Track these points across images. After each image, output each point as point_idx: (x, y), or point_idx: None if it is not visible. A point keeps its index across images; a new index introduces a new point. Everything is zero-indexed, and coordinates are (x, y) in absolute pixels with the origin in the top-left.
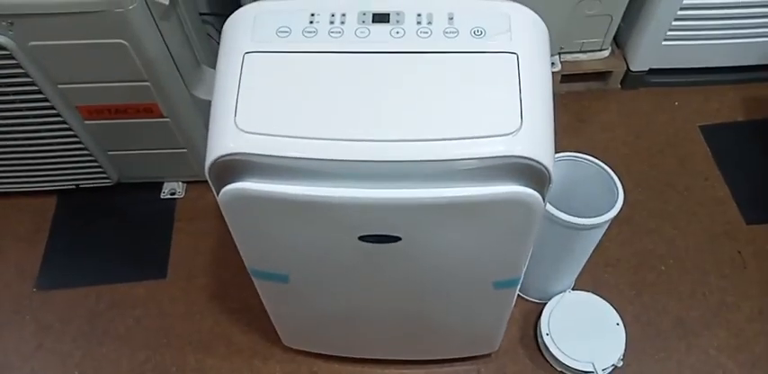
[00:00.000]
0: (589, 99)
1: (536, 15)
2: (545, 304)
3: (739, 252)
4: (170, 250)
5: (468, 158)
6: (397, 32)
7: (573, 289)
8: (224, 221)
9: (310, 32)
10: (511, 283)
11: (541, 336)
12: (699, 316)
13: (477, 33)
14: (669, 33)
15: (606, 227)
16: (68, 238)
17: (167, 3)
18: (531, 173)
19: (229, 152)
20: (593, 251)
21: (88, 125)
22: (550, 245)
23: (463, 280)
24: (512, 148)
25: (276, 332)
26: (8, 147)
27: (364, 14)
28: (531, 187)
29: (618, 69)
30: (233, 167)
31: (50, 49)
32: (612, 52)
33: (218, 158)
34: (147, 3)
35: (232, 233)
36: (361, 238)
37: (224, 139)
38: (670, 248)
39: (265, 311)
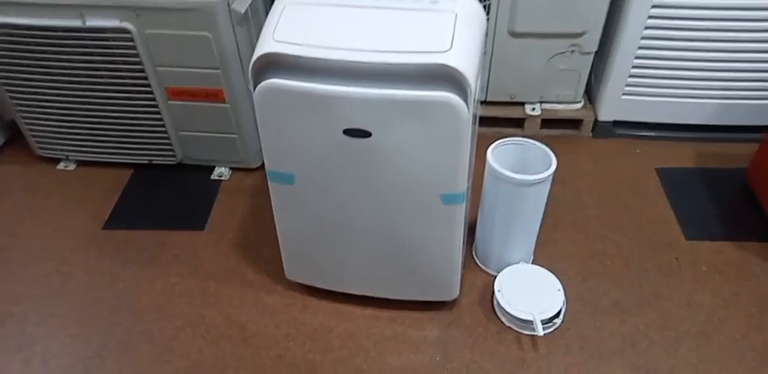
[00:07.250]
0: (564, 142)
1: (477, 3)
2: None
3: (677, 258)
4: (210, 213)
5: (414, 63)
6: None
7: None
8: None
9: None
10: (455, 199)
11: (494, 293)
12: (634, 301)
13: (434, 2)
14: (626, 88)
15: (547, 187)
16: (134, 197)
17: (243, 11)
18: (456, 83)
19: (267, 51)
20: (542, 233)
21: (170, 105)
22: (502, 204)
23: (416, 190)
24: (443, 59)
25: (281, 274)
26: (105, 118)
27: None
28: (456, 94)
29: (588, 118)
30: (267, 65)
31: (158, 37)
32: (585, 105)
33: (259, 57)
34: (229, 9)
35: (259, 129)
36: (344, 132)
37: (264, 45)
38: (617, 250)
39: (275, 259)
